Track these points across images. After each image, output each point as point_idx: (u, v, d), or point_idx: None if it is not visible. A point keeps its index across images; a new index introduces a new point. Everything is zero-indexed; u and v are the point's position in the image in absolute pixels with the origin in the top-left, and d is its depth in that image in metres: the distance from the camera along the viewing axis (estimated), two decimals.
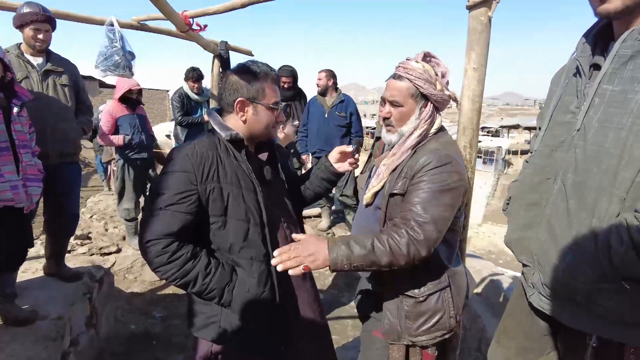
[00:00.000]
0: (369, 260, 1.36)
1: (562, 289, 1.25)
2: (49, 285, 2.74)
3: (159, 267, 1.36)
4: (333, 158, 1.74)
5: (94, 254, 4.02)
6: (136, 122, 4.13)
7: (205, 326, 1.47)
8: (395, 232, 1.38)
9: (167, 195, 1.36)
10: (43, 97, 2.57)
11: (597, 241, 1.13)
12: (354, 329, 3.44)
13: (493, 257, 11.89)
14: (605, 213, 1.12)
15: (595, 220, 1.14)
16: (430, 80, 1.48)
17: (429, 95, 1.50)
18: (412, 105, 1.52)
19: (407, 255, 1.36)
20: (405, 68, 1.51)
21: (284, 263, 1.31)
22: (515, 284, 3.11)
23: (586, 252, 1.15)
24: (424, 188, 1.41)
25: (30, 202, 2.14)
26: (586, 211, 1.16)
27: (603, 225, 1.12)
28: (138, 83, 4.14)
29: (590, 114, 1.20)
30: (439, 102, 1.52)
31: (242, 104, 1.46)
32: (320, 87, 4.56)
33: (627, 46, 1.13)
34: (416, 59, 1.54)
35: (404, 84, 1.51)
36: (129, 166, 4.18)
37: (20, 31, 2.57)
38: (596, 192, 1.14)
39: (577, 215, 1.18)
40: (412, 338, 1.54)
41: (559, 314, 1.30)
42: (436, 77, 1.50)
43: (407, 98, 1.51)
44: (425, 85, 1.48)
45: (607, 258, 1.10)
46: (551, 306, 1.32)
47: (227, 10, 3.07)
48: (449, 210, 1.42)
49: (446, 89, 1.53)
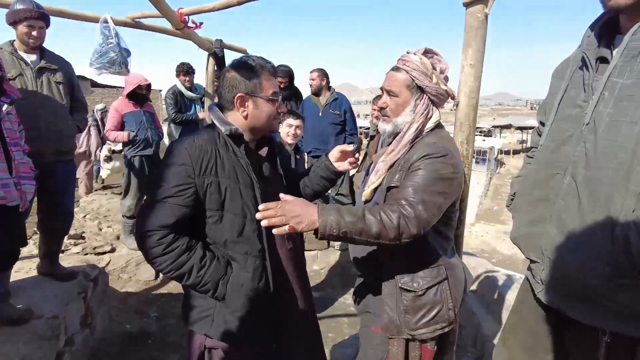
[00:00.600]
0: (358, 228, 1.34)
1: (575, 284, 1.23)
2: (43, 285, 2.72)
3: (155, 258, 1.37)
4: (333, 157, 1.75)
5: (88, 254, 3.98)
6: (142, 119, 4.12)
7: (199, 319, 1.48)
8: (388, 207, 1.39)
9: (164, 188, 1.37)
10: (37, 95, 2.55)
11: (614, 237, 1.11)
12: (349, 327, 3.45)
13: (486, 256, 11.94)
14: (620, 208, 1.11)
15: (610, 215, 1.12)
16: (426, 72, 1.51)
17: (424, 87, 1.52)
18: (408, 96, 1.55)
19: (397, 227, 1.35)
20: (403, 60, 1.55)
21: (269, 220, 1.28)
22: (510, 282, 3.15)
23: (601, 248, 1.14)
24: (418, 174, 1.43)
25: (25, 200, 2.12)
26: (600, 207, 1.15)
27: (619, 220, 1.11)
28: (147, 78, 4.16)
29: (600, 107, 1.19)
30: (434, 96, 1.54)
31: (242, 99, 1.46)
32: (313, 87, 4.56)
33: (637, 39, 1.14)
34: (416, 52, 1.57)
35: (401, 75, 1.55)
36: (133, 163, 4.18)
37: (14, 28, 2.54)
38: (609, 187, 1.13)
39: (590, 210, 1.17)
40: (412, 332, 1.55)
41: (571, 309, 1.28)
42: (433, 70, 1.52)
43: (403, 89, 1.55)
44: (421, 77, 1.51)
45: (624, 254, 1.09)
46: (562, 302, 1.30)
47: (223, 7, 3.06)
48: (439, 197, 1.42)
49: (443, 84, 1.54)
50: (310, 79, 4.56)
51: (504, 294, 3.00)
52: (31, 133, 2.41)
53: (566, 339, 1.41)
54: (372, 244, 1.41)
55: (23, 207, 2.12)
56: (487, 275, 3.42)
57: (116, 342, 3.05)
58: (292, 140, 2.94)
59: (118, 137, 4.08)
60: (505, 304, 2.91)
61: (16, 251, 2.24)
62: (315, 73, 4.54)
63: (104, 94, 28.06)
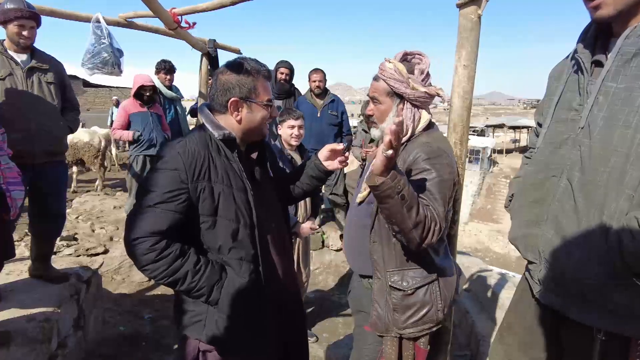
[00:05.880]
0: (412, 203, 1.31)
1: (571, 285, 1.25)
2: (35, 287, 2.68)
3: (147, 265, 1.33)
4: (323, 156, 1.73)
5: (81, 255, 3.95)
6: (149, 120, 4.17)
7: (191, 324, 1.46)
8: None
9: (156, 193, 1.33)
10: (28, 95, 2.51)
11: (608, 238, 1.13)
12: (344, 327, 3.45)
13: (480, 255, 12.03)
14: (614, 211, 1.13)
15: (604, 217, 1.14)
16: (402, 79, 1.53)
17: (402, 94, 1.55)
18: (389, 103, 1.60)
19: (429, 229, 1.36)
20: (380, 69, 1.59)
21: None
22: (503, 281, 3.17)
23: (596, 249, 1.16)
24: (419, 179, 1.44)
25: (15, 208, 2.04)
26: (595, 209, 1.17)
27: (613, 222, 1.13)
28: (151, 79, 4.21)
29: (594, 111, 1.20)
30: (414, 100, 1.56)
31: (236, 104, 1.44)
32: (320, 88, 4.54)
33: (629, 43, 1.15)
34: (391, 60, 1.58)
35: (380, 84, 1.60)
36: (137, 162, 4.22)
37: (4, 27, 2.50)
38: (604, 190, 1.15)
39: (586, 212, 1.19)
40: (400, 330, 1.56)
41: (568, 309, 1.30)
42: (409, 76, 1.53)
43: (383, 96, 1.60)
44: (397, 84, 1.54)
45: (618, 255, 1.11)
46: (559, 302, 1.33)
47: (217, 7, 3.04)
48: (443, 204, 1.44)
49: (422, 86, 1.54)
50: (314, 80, 4.53)
51: (498, 292, 3.02)
52: (22, 134, 2.38)
53: (562, 336, 1.43)
54: (397, 228, 1.37)
55: (14, 215, 2.05)
56: (480, 274, 3.44)
57: (110, 344, 3.03)
58: (295, 142, 2.81)
59: (123, 136, 4.15)
60: (498, 303, 2.93)
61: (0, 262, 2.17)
62: (320, 74, 4.54)
63: (96, 94, 27.75)
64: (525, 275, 1.53)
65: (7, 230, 2.11)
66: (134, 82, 4.14)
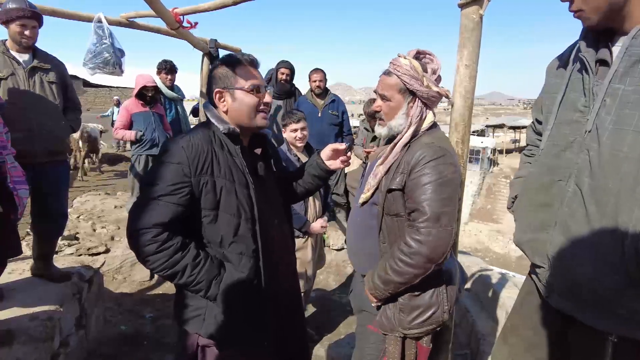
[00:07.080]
0: (395, 285, 1.53)
1: (584, 292, 1.22)
2: (37, 286, 2.69)
3: (147, 256, 1.34)
4: (325, 155, 1.74)
5: (82, 255, 3.96)
6: (151, 120, 4.17)
7: (190, 319, 1.47)
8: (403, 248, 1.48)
9: (160, 186, 1.35)
10: (29, 95, 2.52)
11: (624, 247, 1.10)
12: (345, 326, 3.46)
13: (479, 255, 12.05)
14: (629, 219, 1.09)
15: (618, 226, 1.10)
16: (417, 76, 1.52)
17: (415, 91, 1.53)
18: (400, 100, 1.57)
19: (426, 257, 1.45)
20: (394, 64, 1.56)
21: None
22: (503, 280, 3.18)
23: (611, 258, 1.13)
24: (422, 182, 1.45)
25: (22, 206, 2.06)
26: (607, 217, 1.13)
27: (628, 231, 1.09)
28: (154, 80, 4.22)
29: (601, 114, 1.16)
30: (426, 99, 1.55)
31: (220, 94, 1.47)
32: (321, 88, 4.54)
33: (637, 44, 1.10)
34: (406, 56, 1.58)
35: (392, 79, 1.56)
36: (139, 161, 4.23)
37: (6, 27, 2.50)
38: (616, 197, 1.11)
39: (598, 220, 1.15)
40: (405, 331, 1.56)
41: (581, 314, 1.27)
42: (424, 74, 1.53)
43: (395, 93, 1.57)
44: (411, 81, 1.52)
45: (635, 264, 1.08)
46: (570, 306, 1.29)
47: (218, 7, 3.05)
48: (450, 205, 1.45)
49: (435, 86, 1.55)
50: (314, 79, 4.54)
51: (498, 292, 3.03)
52: (23, 133, 2.38)
53: (570, 338, 1.40)
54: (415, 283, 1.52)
55: (21, 214, 2.07)
56: (481, 274, 3.44)
57: (111, 343, 3.03)
58: (301, 143, 2.85)
59: (125, 136, 4.15)
60: (499, 302, 2.94)
61: (3, 259, 2.19)
62: (321, 74, 4.54)
63: (96, 94, 27.78)
64: (532, 278, 1.50)
65: (13, 229, 2.12)
66: (136, 82, 4.14)
